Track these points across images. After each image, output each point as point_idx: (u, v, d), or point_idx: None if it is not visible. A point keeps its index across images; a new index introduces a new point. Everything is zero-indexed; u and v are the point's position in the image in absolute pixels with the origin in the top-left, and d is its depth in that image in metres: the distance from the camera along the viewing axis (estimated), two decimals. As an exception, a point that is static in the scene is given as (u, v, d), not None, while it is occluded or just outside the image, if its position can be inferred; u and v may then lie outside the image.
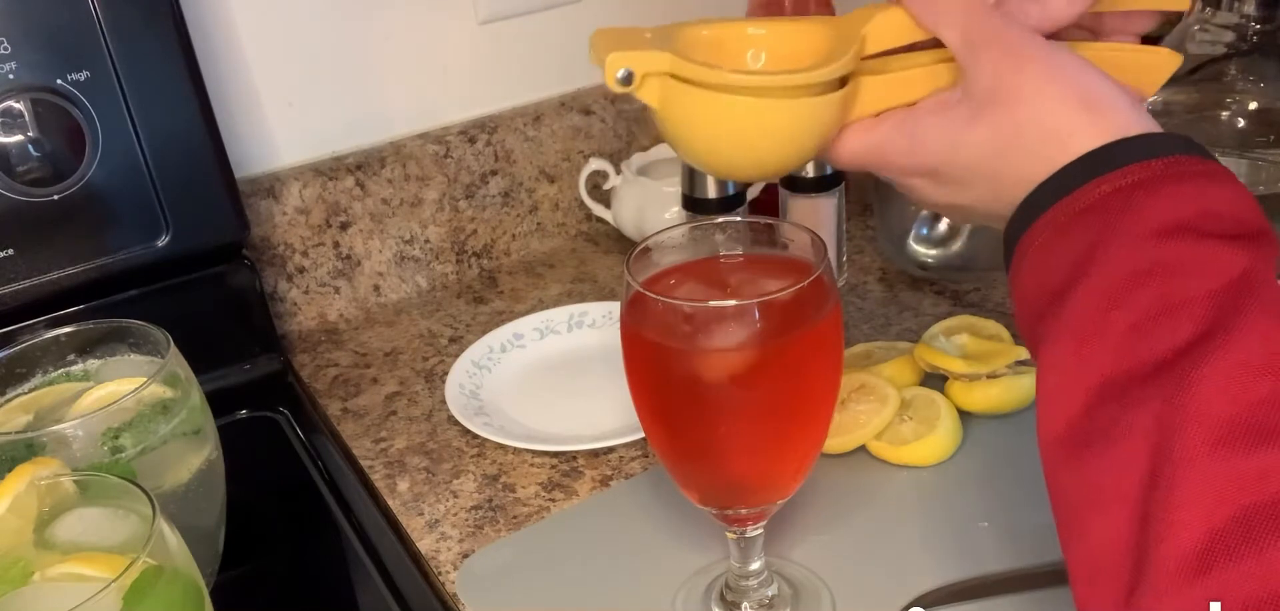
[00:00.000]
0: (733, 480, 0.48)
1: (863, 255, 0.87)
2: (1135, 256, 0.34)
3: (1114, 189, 0.35)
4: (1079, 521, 0.33)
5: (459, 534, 0.61)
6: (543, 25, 0.92)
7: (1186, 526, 0.29)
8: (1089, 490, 0.33)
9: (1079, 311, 0.34)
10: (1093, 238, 0.35)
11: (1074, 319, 0.34)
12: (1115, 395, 0.32)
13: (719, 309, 0.44)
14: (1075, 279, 0.35)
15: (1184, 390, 0.31)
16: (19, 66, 0.64)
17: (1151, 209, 0.34)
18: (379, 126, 0.88)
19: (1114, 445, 0.32)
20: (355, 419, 0.74)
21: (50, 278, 0.68)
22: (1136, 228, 0.34)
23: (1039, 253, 0.37)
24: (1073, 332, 0.34)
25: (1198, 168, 0.36)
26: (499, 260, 0.95)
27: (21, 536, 0.42)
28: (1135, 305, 0.33)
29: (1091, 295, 0.34)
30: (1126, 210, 0.35)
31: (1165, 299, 0.32)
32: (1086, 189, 0.36)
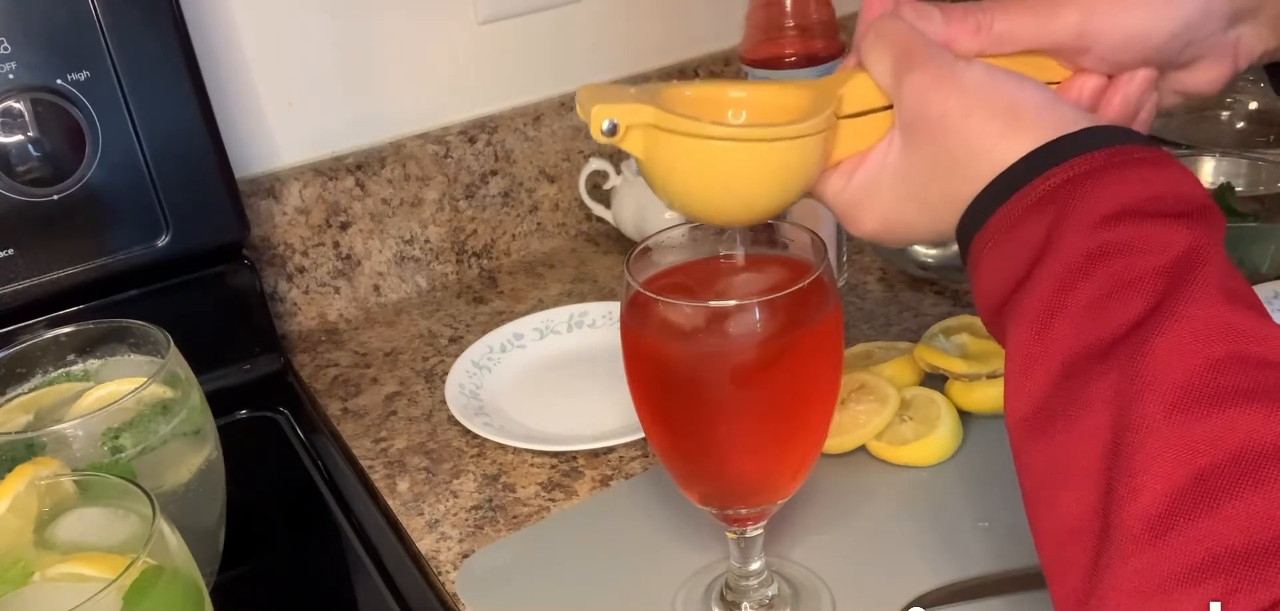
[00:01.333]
0: (733, 480, 0.48)
1: (863, 255, 0.87)
2: (1087, 241, 0.35)
3: (1061, 181, 0.37)
4: (1047, 496, 0.34)
5: (459, 534, 0.61)
6: (543, 25, 0.92)
7: (1147, 489, 0.30)
8: (1055, 465, 0.34)
9: (1037, 297, 0.36)
10: (1045, 228, 0.36)
11: (1033, 305, 0.36)
12: (1076, 372, 0.34)
13: (719, 309, 0.44)
14: (1031, 268, 0.36)
15: (1139, 360, 0.32)
16: (19, 66, 0.64)
17: (1099, 195, 0.36)
18: (379, 126, 0.88)
19: (1077, 419, 0.33)
20: (355, 419, 0.74)
21: (50, 277, 0.68)
22: (1086, 215, 0.35)
23: (994, 250, 0.38)
24: (1032, 317, 0.36)
25: (1140, 154, 0.37)
26: (499, 260, 0.95)
27: (21, 536, 0.42)
28: (1089, 286, 0.34)
29: (1048, 281, 0.35)
30: (1074, 199, 0.36)
31: (1118, 278, 0.34)
32: (1034, 184, 0.37)
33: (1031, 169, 0.38)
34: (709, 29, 1.01)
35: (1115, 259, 0.34)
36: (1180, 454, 0.30)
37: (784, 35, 0.90)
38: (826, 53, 0.90)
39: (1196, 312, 0.32)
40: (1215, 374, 0.31)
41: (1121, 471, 0.31)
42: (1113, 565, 0.31)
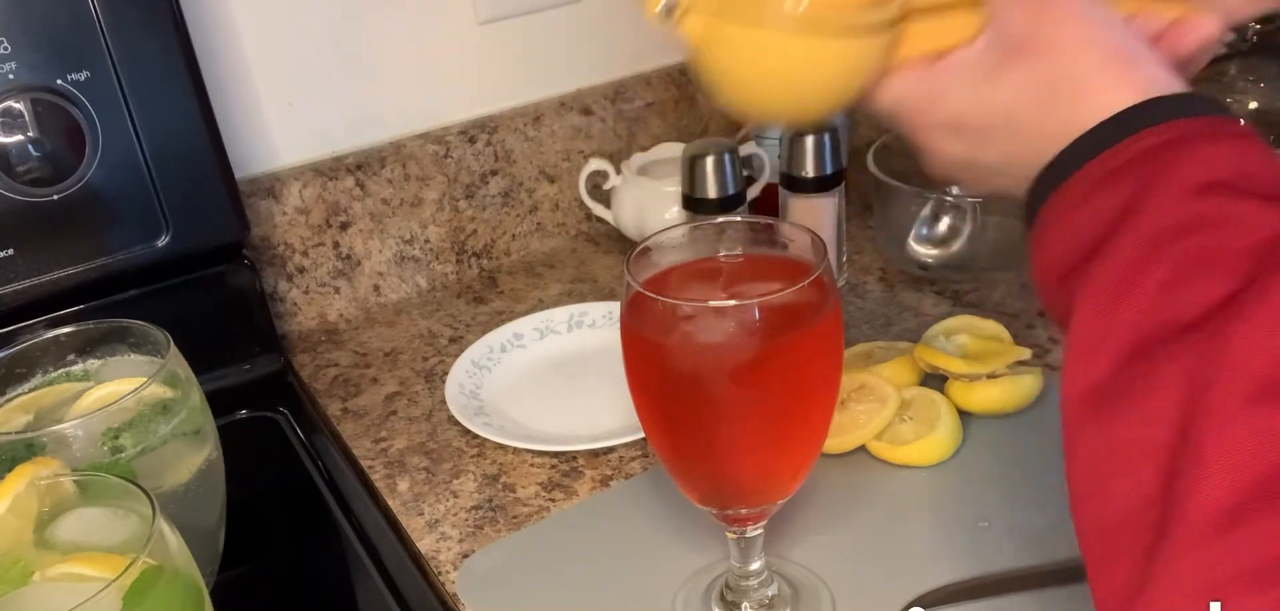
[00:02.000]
0: (733, 480, 0.48)
1: (863, 255, 0.87)
2: (1172, 212, 0.33)
3: (1151, 146, 0.34)
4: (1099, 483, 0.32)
5: (459, 534, 0.61)
6: (543, 25, 0.92)
7: (1216, 480, 0.28)
8: (1112, 449, 0.32)
9: (1113, 268, 0.33)
10: (1129, 194, 0.34)
11: (1107, 275, 0.33)
12: (1147, 351, 0.31)
13: (719, 309, 0.44)
14: (1109, 236, 0.34)
15: (1219, 345, 0.30)
16: (19, 66, 0.64)
17: (1189, 166, 0.33)
18: (379, 126, 0.88)
19: (1142, 401, 0.31)
20: (355, 419, 0.74)
21: (50, 277, 0.68)
22: (1174, 184, 0.33)
23: (1070, 211, 0.36)
24: (1105, 289, 0.33)
25: (1234, 129, 0.35)
26: (499, 260, 0.95)
27: (21, 536, 0.42)
28: (1171, 260, 0.32)
29: (1126, 251, 0.33)
30: (1164, 168, 0.34)
31: (1202, 254, 0.32)
32: (1123, 146, 0.35)
33: (1121, 129, 0.35)
34: (709, 29, 1.01)
35: (1202, 234, 0.32)
36: (1257, 447, 0.28)
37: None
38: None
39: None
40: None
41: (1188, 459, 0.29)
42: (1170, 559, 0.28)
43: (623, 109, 0.96)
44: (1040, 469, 0.59)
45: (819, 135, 0.76)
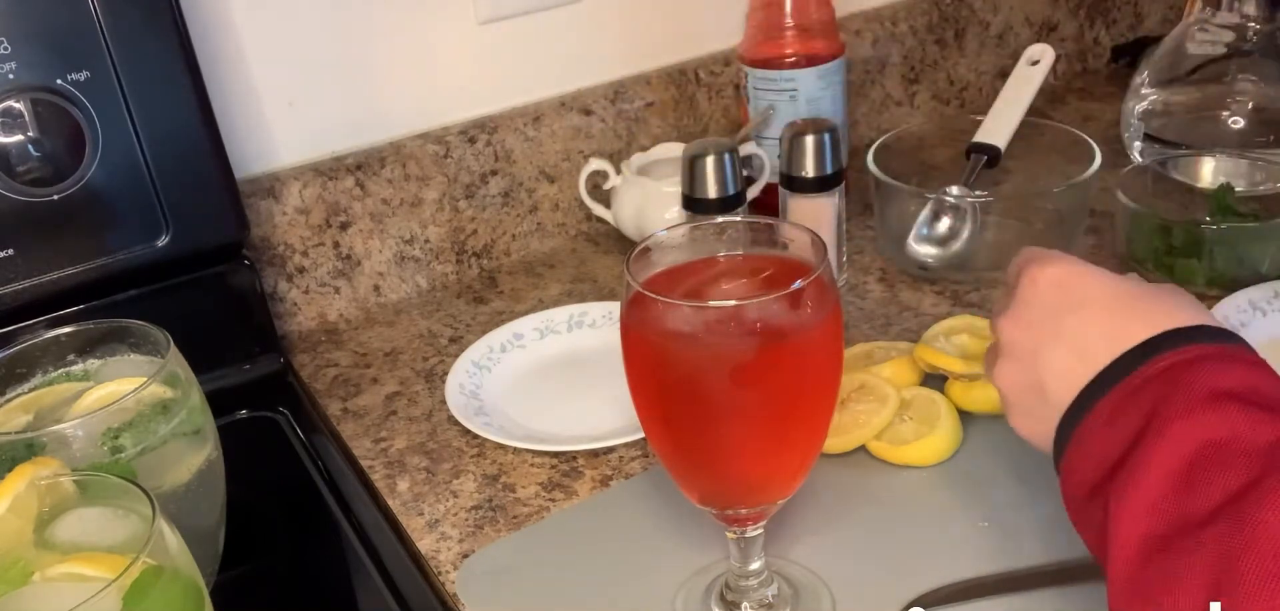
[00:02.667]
0: (733, 480, 0.48)
1: (863, 255, 0.87)
2: (1190, 419, 0.37)
3: (1168, 365, 0.39)
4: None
5: (459, 534, 0.61)
6: (543, 25, 0.92)
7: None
8: None
9: (1139, 471, 0.37)
10: (1149, 408, 0.38)
11: (1134, 477, 0.37)
12: (1171, 543, 0.35)
13: (719, 309, 0.44)
14: (1134, 445, 0.38)
15: (1242, 527, 0.33)
16: (19, 66, 0.64)
17: (1204, 379, 0.38)
18: (379, 126, 0.88)
19: (1175, 585, 0.35)
20: (355, 419, 0.74)
21: (50, 278, 0.68)
22: (1191, 394, 0.37)
23: (1099, 430, 0.40)
24: (1131, 489, 0.37)
25: (1242, 353, 0.39)
26: (499, 260, 0.95)
27: (21, 536, 0.42)
28: (1190, 461, 0.36)
29: (1149, 453, 0.37)
30: (1181, 382, 0.38)
31: (1218, 455, 0.36)
32: (1144, 368, 0.40)
33: (1143, 353, 0.40)
34: (709, 29, 1.01)
35: (1216, 437, 0.36)
36: None
37: (784, 35, 0.90)
38: (826, 53, 0.90)
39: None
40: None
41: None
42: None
43: (623, 109, 0.96)
44: (1040, 469, 0.59)
45: (819, 135, 0.76)
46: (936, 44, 1.14)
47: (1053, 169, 0.84)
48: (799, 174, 0.77)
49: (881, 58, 1.10)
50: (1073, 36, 1.24)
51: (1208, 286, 0.74)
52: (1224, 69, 0.92)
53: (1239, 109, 0.91)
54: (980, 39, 1.17)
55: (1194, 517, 0.35)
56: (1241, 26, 0.92)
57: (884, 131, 0.98)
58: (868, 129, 1.11)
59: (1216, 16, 0.93)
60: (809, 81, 0.89)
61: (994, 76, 1.19)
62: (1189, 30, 0.94)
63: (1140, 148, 0.94)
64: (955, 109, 1.18)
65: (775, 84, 0.90)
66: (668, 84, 0.98)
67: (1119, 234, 0.80)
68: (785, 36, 0.90)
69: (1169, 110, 0.94)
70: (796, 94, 0.89)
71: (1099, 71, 1.27)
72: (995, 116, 0.86)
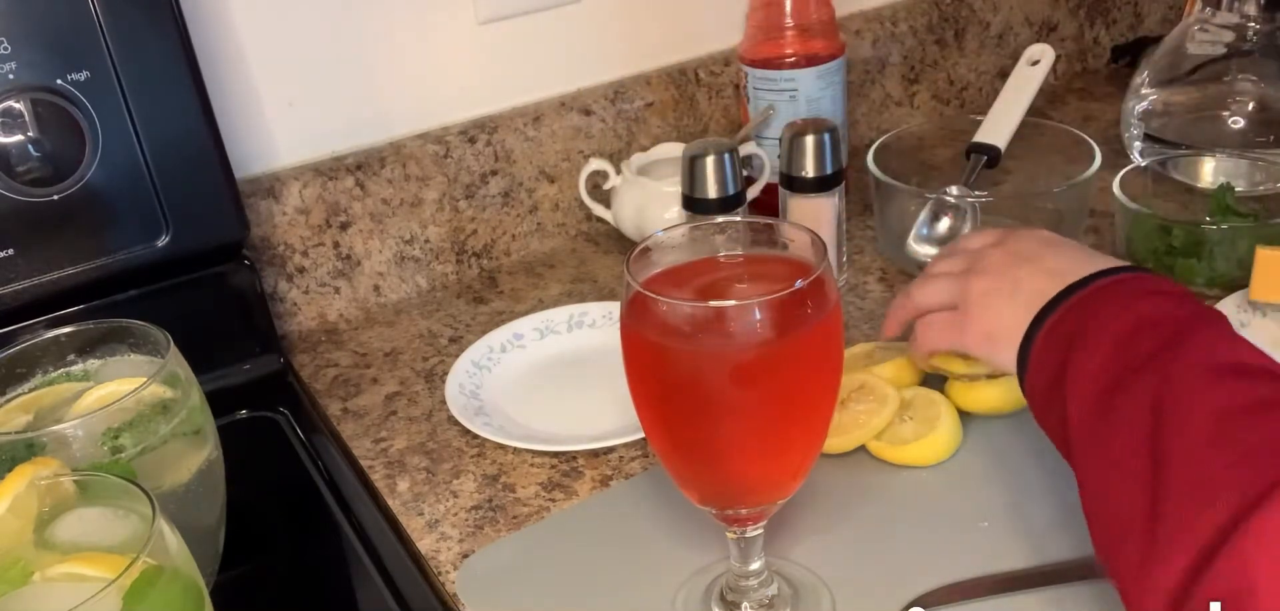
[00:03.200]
0: (733, 480, 0.48)
1: (863, 255, 0.87)
2: (1129, 306, 0.48)
3: (1109, 282, 0.51)
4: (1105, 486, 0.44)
5: (459, 534, 0.61)
6: (543, 25, 0.92)
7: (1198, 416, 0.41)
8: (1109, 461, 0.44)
9: (1090, 345, 0.47)
10: (1087, 313, 0.50)
11: (1086, 349, 0.47)
12: (1120, 381, 0.45)
13: (719, 309, 0.44)
14: (1082, 332, 0.48)
15: (1176, 355, 0.44)
16: (19, 66, 0.64)
17: (1137, 285, 0.50)
18: (379, 126, 0.88)
19: (1124, 409, 0.44)
20: (355, 419, 0.74)
21: (50, 278, 0.68)
22: (1129, 292, 0.49)
23: (1048, 338, 0.51)
24: (1085, 359, 0.47)
25: (1152, 276, 0.51)
26: (499, 260, 0.95)
27: (21, 536, 0.42)
28: (1123, 336, 0.47)
29: (1099, 330, 0.48)
30: (1120, 287, 0.50)
31: (1151, 320, 0.47)
32: (1093, 285, 0.51)
33: (1077, 285, 0.51)
34: (709, 29, 1.01)
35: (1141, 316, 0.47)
36: (1216, 399, 0.41)
37: (784, 35, 0.90)
38: (826, 53, 0.90)
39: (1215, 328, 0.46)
40: (1240, 354, 0.44)
41: (1167, 431, 0.42)
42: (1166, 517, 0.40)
43: (623, 109, 0.96)
44: (1040, 469, 0.59)
45: (819, 135, 0.76)
46: (936, 44, 1.14)
47: (1053, 169, 0.84)
48: (799, 174, 0.77)
49: (881, 58, 1.10)
50: (1073, 36, 1.24)
51: (1208, 286, 0.74)
52: (1224, 69, 0.92)
53: (1239, 109, 0.91)
54: (980, 39, 1.17)
55: (1133, 365, 0.45)
56: (1241, 26, 0.92)
57: (884, 131, 0.98)
58: (868, 129, 1.11)
59: (1216, 16, 0.93)
60: (809, 81, 0.89)
61: (994, 76, 1.19)
62: (1189, 30, 0.94)
63: (1140, 148, 0.94)
64: (955, 109, 1.18)
65: (775, 84, 0.90)
66: (668, 84, 0.98)
67: (1119, 234, 0.80)
68: (785, 36, 0.90)
69: (1169, 110, 0.94)
70: (796, 94, 0.90)
71: (1099, 71, 1.27)
72: (995, 116, 0.86)
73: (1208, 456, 0.40)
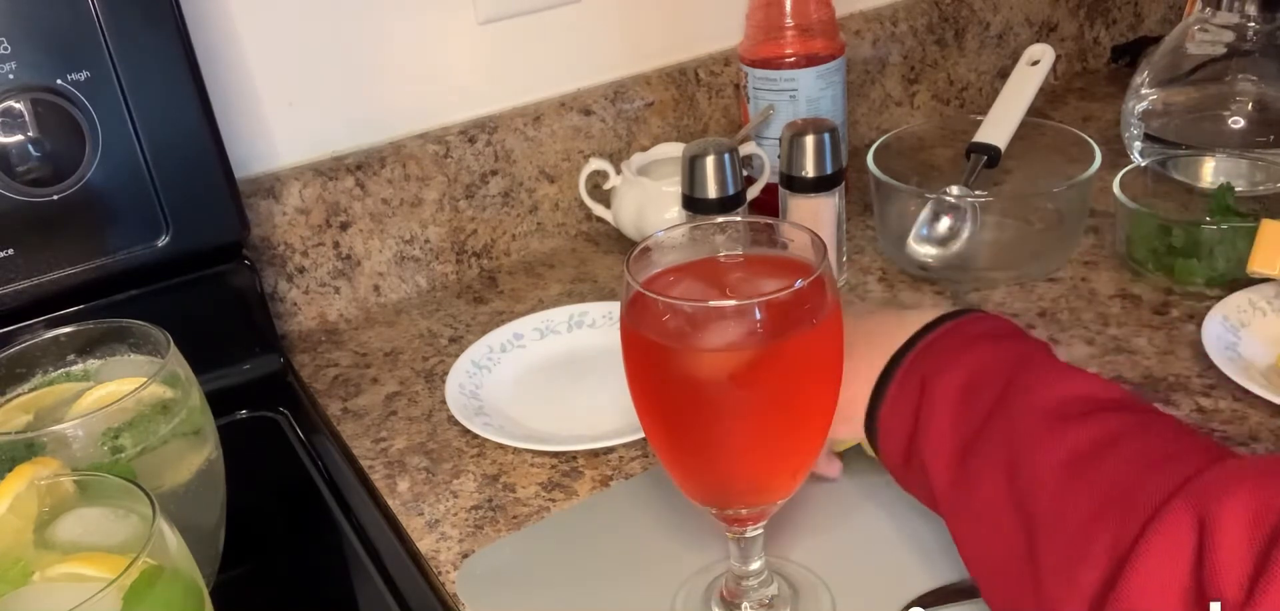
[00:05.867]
0: (733, 480, 0.48)
1: (863, 255, 0.87)
2: (954, 364, 0.49)
3: (929, 341, 0.51)
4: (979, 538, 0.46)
5: (459, 534, 0.61)
6: (543, 25, 0.92)
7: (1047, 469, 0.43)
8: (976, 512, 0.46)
9: (932, 413, 0.48)
10: (924, 371, 0.50)
11: (930, 418, 0.48)
12: (968, 449, 0.46)
13: (719, 309, 0.44)
14: (921, 399, 0.49)
15: (1011, 410, 0.45)
16: (19, 66, 0.64)
17: (955, 337, 0.51)
18: (379, 126, 0.88)
19: (982, 469, 0.45)
20: (355, 419, 0.74)
21: (50, 278, 0.68)
22: (950, 348, 0.50)
23: (894, 400, 0.51)
24: (931, 427, 0.48)
25: (977, 315, 0.53)
26: (499, 260, 0.95)
27: (21, 536, 0.42)
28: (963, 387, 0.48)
29: (934, 399, 0.48)
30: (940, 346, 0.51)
31: (981, 375, 0.48)
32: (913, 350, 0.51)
33: (908, 345, 0.52)
34: (709, 29, 1.01)
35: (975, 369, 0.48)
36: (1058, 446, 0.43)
37: (784, 35, 0.90)
38: (826, 53, 0.90)
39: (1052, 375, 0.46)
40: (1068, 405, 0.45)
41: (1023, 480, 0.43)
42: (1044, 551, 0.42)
43: (623, 109, 0.96)
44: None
45: (819, 135, 0.76)
46: (936, 44, 1.14)
47: (1053, 169, 0.84)
48: (799, 174, 0.77)
49: (881, 58, 1.10)
50: (1073, 36, 1.24)
51: (1208, 286, 0.74)
52: (1224, 69, 0.92)
53: (1239, 109, 0.91)
54: (980, 39, 1.17)
55: (975, 426, 0.46)
56: (1241, 26, 0.92)
57: (884, 131, 0.98)
58: (868, 129, 1.11)
59: (1216, 16, 0.93)
60: (809, 81, 0.89)
61: (994, 76, 1.19)
62: (1189, 30, 0.94)
63: (1140, 148, 0.94)
64: (955, 109, 1.18)
65: (775, 84, 0.90)
66: (668, 84, 0.98)
67: (1119, 234, 0.80)
68: (785, 36, 0.90)
69: (1169, 110, 0.94)
70: (796, 94, 0.90)
71: (1099, 71, 1.27)
72: (995, 116, 0.86)
73: (1069, 509, 0.41)
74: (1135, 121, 0.95)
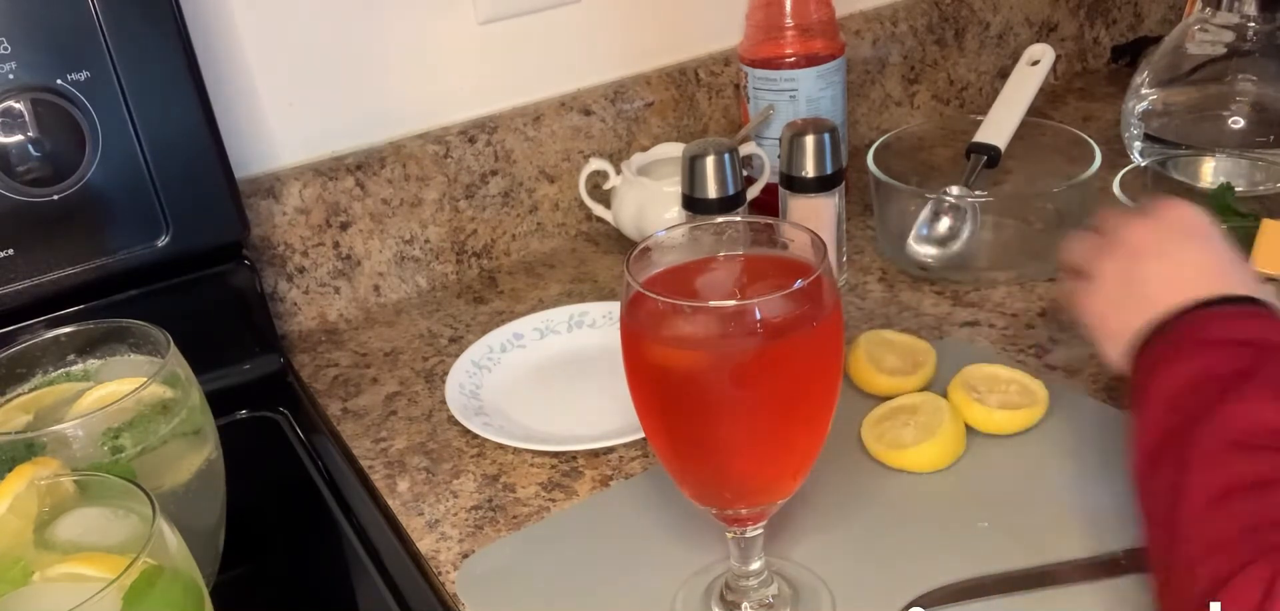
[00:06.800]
0: (733, 480, 0.48)
1: (863, 255, 0.87)
2: (1188, 359, 0.49)
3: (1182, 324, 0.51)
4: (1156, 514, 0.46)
5: (459, 534, 0.61)
6: (543, 25, 0.92)
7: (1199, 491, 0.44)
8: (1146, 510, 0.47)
9: (1151, 395, 0.49)
10: (1163, 353, 0.51)
11: (1146, 399, 0.49)
12: (1161, 449, 0.47)
13: (719, 309, 0.44)
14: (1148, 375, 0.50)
15: (1208, 417, 0.45)
16: (19, 66, 0.64)
17: (1204, 330, 0.50)
18: (379, 126, 0.88)
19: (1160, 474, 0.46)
20: (355, 419, 0.74)
21: (50, 278, 0.68)
22: (1190, 338, 0.50)
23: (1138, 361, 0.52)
24: (1144, 410, 0.49)
25: (1247, 304, 0.51)
26: (499, 260, 0.95)
27: (21, 536, 0.42)
28: (1179, 392, 0.48)
29: (1158, 386, 0.49)
30: (1187, 334, 0.51)
31: (1200, 381, 0.48)
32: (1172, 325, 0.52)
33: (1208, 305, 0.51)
34: (709, 29, 1.01)
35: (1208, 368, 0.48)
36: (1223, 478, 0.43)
37: (784, 35, 0.90)
38: (826, 53, 0.90)
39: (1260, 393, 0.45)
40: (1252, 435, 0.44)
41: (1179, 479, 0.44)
42: None
43: (623, 109, 0.96)
44: (1040, 470, 0.59)
45: (819, 135, 0.76)
46: (936, 44, 1.14)
47: (1053, 169, 0.84)
48: (799, 174, 0.77)
49: (881, 58, 1.10)
50: (1073, 36, 1.24)
51: (1208, 286, 0.74)
52: (1224, 69, 0.92)
53: (1239, 109, 0.91)
54: (980, 39, 1.17)
55: (1174, 429, 0.46)
56: (1241, 26, 0.92)
57: (884, 131, 0.98)
58: (868, 129, 1.11)
59: (1216, 16, 0.93)
60: (809, 81, 0.89)
61: (994, 76, 1.19)
62: (1189, 30, 0.94)
63: (1140, 148, 0.94)
64: (955, 109, 1.18)
65: (775, 84, 0.90)
66: (668, 84, 0.98)
67: (1119, 234, 0.80)
68: (785, 36, 0.90)
69: (1169, 110, 0.94)
70: (796, 94, 0.90)
71: (1099, 71, 1.27)
72: (995, 116, 0.86)
73: (1198, 531, 0.43)
74: (1135, 121, 0.95)
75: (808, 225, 0.49)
